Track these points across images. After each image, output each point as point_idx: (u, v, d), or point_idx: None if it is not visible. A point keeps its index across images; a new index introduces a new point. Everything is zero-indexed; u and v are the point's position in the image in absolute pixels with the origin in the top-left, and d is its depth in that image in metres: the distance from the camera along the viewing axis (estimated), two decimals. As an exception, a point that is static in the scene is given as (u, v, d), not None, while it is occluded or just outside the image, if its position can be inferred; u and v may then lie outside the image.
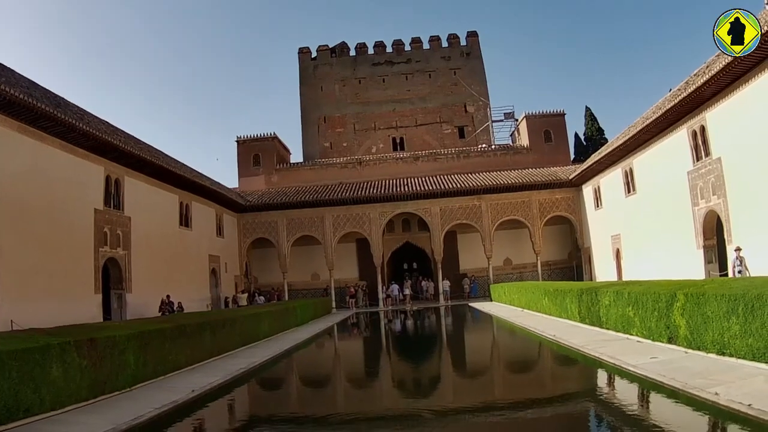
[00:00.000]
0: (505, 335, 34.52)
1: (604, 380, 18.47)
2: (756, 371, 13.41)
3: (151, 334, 20.11)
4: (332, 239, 60.19)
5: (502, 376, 22.43)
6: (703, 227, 34.81)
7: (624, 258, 48.79)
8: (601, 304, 25.85)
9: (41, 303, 28.02)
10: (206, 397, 18.33)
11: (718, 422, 11.50)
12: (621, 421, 13.22)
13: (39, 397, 13.55)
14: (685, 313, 17.69)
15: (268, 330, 34.59)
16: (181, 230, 46.64)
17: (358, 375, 25.76)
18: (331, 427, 15.15)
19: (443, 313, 53.42)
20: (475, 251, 61.92)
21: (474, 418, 14.80)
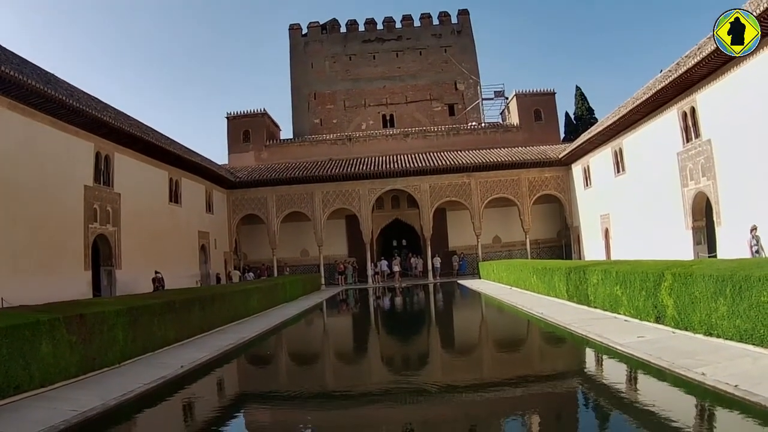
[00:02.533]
0: (494, 313, 34.57)
1: (592, 358, 18.55)
2: (743, 352, 13.48)
3: (140, 310, 20.11)
4: (322, 216, 60.17)
5: (490, 353, 22.48)
6: (693, 208, 34.92)
7: (613, 237, 48.92)
8: (589, 282, 25.93)
9: (31, 280, 27.99)
10: (195, 372, 18.39)
11: (704, 402, 11.53)
12: (607, 399, 13.30)
13: (29, 374, 13.55)
14: (673, 293, 17.76)
15: (257, 306, 34.66)
16: (170, 206, 46.56)
17: (347, 351, 25.82)
18: (320, 403, 15.21)
19: (432, 290, 53.58)
20: (464, 229, 62.03)
21: (462, 395, 14.86)
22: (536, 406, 13.46)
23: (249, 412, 15.18)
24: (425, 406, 14.30)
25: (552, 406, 13.52)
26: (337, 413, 14.18)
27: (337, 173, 60.17)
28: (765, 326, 13.02)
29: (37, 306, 16.36)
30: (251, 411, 15.36)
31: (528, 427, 12.17)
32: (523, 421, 12.59)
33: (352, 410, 14.44)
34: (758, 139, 27.92)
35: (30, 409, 12.39)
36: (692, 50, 32.60)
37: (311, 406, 15.04)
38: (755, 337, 13.47)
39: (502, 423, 12.55)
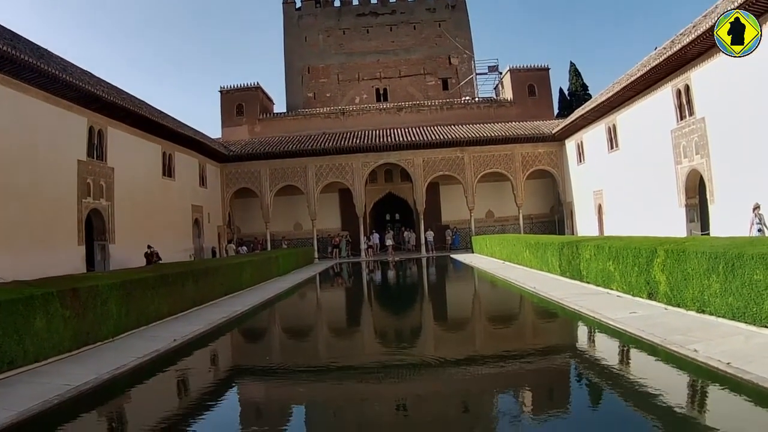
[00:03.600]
0: (486, 287, 34.66)
1: (584, 333, 18.59)
2: (735, 330, 13.52)
3: (134, 284, 20.11)
4: (315, 189, 60.07)
5: (482, 327, 22.57)
6: (686, 186, 34.97)
7: (606, 213, 49.00)
8: (581, 257, 26.01)
9: (25, 255, 27.99)
10: (188, 346, 18.45)
11: (696, 379, 11.58)
12: (599, 374, 13.36)
13: (23, 349, 13.56)
14: (666, 270, 17.81)
15: (250, 279, 34.72)
16: (164, 180, 46.45)
17: (340, 325, 25.89)
18: (312, 377, 15.27)
19: (425, 264, 53.65)
20: (457, 203, 62.03)
21: (454, 369, 14.89)
22: (528, 381, 13.52)
23: (242, 386, 15.25)
24: (417, 380, 14.36)
25: (544, 381, 13.57)
26: (330, 387, 14.24)
27: (330, 147, 60.04)
28: (757, 304, 13.06)
29: (31, 281, 16.32)
30: (244, 384, 15.43)
31: (520, 401, 12.23)
32: (516, 395, 12.66)
33: (345, 384, 14.49)
34: (751, 118, 27.94)
35: (24, 384, 12.40)
36: (687, 28, 32.62)
37: (304, 379, 15.10)
38: (747, 315, 13.51)
39: (494, 397, 12.61)
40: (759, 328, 13.06)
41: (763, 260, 12.73)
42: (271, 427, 11.46)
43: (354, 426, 11.39)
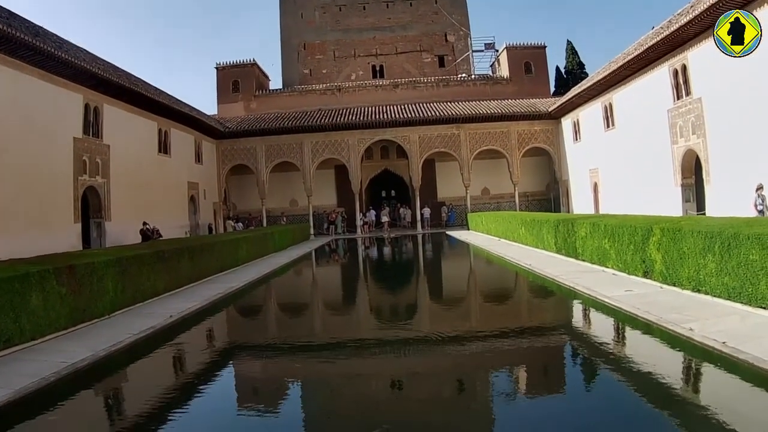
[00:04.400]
0: (482, 264, 34.72)
1: (580, 311, 18.67)
2: (731, 310, 13.53)
3: (130, 260, 20.15)
4: (311, 166, 59.98)
5: (478, 304, 22.62)
6: (682, 166, 34.99)
7: (601, 192, 49.00)
8: (577, 235, 26.06)
9: (21, 234, 27.97)
10: (184, 322, 18.51)
11: (692, 358, 11.61)
12: (595, 352, 13.41)
13: (19, 327, 13.56)
14: (661, 248, 17.84)
15: (246, 256, 34.81)
16: (160, 157, 46.34)
17: (336, 301, 25.93)
18: (308, 353, 15.32)
19: (421, 240, 53.86)
20: (453, 180, 62.03)
21: (450, 346, 14.94)
22: (524, 358, 13.56)
23: (238, 362, 15.30)
24: (414, 357, 14.41)
25: (540, 358, 13.64)
26: (326, 363, 14.28)
27: (326, 123, 59.89)
28: (753, 285, 13.07)
29: (27, 259, 16.32)
30: (240, 360, 15.47)
31: (516, 378, 12.27)
32: (512, 372, 12.70)
33: (341, 360, 14.53)
34: (748, 99, 27.94)
35: (21, 362, 12.42)
36: (685, 8, 32.55)
37: (300, 355, 15.16)
38: (743, 296, 13.53)
39: (490, 374, 12.65)
40: (754, 308, 13.08)
41: (759, 241, 12.74)
42: (267, 403, 11.51)
43: (351, 402, 11.43)
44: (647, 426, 8.78)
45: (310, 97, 68.54)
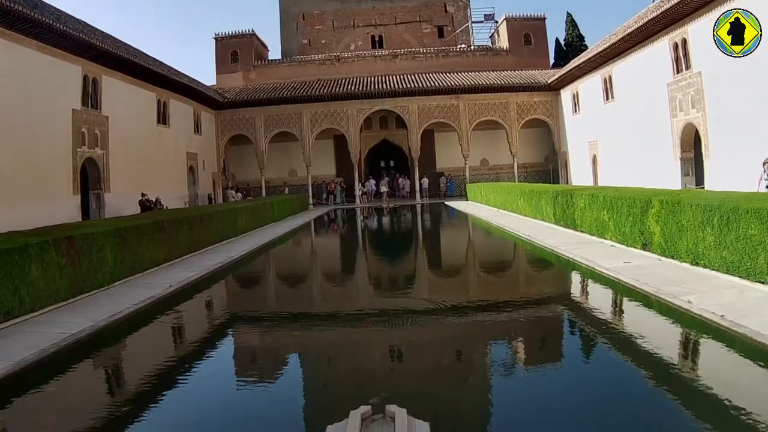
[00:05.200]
0: (481, 234, 34.77)
1: (578, 281, 18.74)
2: (729, 284, 13.53)
3: (129, 231, 20.17)
4: (310, 136, 59.86)
5: (476, 274, 22.67)
6: (681, 139, 34.94)
7: (600, 164, 48.95)
8: (576, 206, 26.07)
9: (20, 206, 27.96)
10: (184, 292, 18.60)
11: (690, 330, 11.64)
12: (593, 323, 13.45)
13: (19, 299, 13.56)
14: (660, 221, 17.85)
15: (245, 225, 34.89)
16: (158, 128, 46.26)
17: (335, 271, 26.01)
18: (307, 322, 15.39)
19: (419, 210, 53.94)
20: (452, 150, 62.00)
21: (448, 316, 14.98)
22: (523, 329, 13.60)
23: (237, 332, 15.38)
24: (412, 327, 14.48)
25: (538, 329, 13.69)
26: (323, 332, 14.36)
27: (325, 93, 59.69)
28: (752, 259, 13.06)
29: (26, 231, 16.31)
30: (239, 330, 15.55)
31: (514, 349, 12.32)
32: (510, 343, 12.75)
33: (338, 330, 14.61)
34: (748, 74, 27.87)
35: (20, 334, 12.44)
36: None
37: (299, 325, 15.22)
38: (742, 270, 13.53)
39: (489, 345, 12.69)
40: (753, 282, 13.07)
41: (758, 215, 12.71)
42: (266, 372, 11.56)
43: (349, 371, 11.48)
44: (645, 398, 8.81)
45: (309, 68, 68.22)
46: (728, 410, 7.93)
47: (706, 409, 8.17)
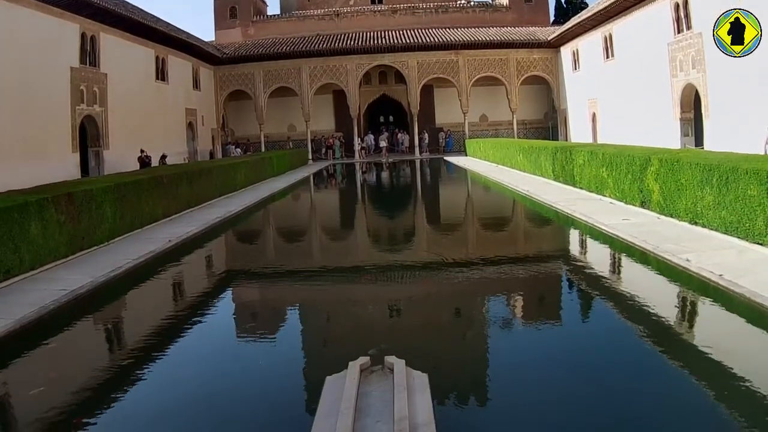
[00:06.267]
0: (480, 189, 34.89)
1: (577, 237, 18.92)
2: (728, 244, 13.55)
3: (128, 187, 20.22)
4: (309, 91, 59.48)
5: (475, 230, 22.81)
6: (681, 100, 34.71)
7: (600, 122, 48.69)
8: (575, 163, 26.09)
9: (19, 165, 27.77)
10: (183, 246, 18.78)
11: (688, 289, 11.70)
12: (591, 279, 13.61)
13: (19, 257, 13.56)
14: (659, 179, 17.83)
15: (244, 180, 35.03)
16: (157, 84, 45.91)
17: (333, 226, 26.15)
18: (306, 277, 15.48)
19: (419, 165, 54.03)
20: (451, 106, 61.67)
21: (447, 272, 15.06)
22: (520, 284, 13.70)
23: (237, 286, 15.50)
24: (411, 283, 14.59)
25: (536, 285, 13.78)
26: (322, 288, 14.44)
27: (324, 48, 59.26)
28: (751, 220, 13.01)
29: (26, 189, 16.30)
30: (239, 285, 15.68)
31: (511, 304, 12.41)
32: (508, 299, 12.83)
33: (337, 285, 14.71)
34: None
35: (21, 292, 12.47)
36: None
37: (298, 280, 15.32)
38: (740, 230, 13.50)
39: (485, 300, 12.78)
40: (751, 243, 13.03)
41: (757, 176, 12.65)
42: (266, 327, 11.66)
43: (348, 326, 11.56)
44: (642, 355, 8.89)
45: (308, 23, 67.63)
46: (724, 369, 8.00)
47: (702, 367, 8.23)
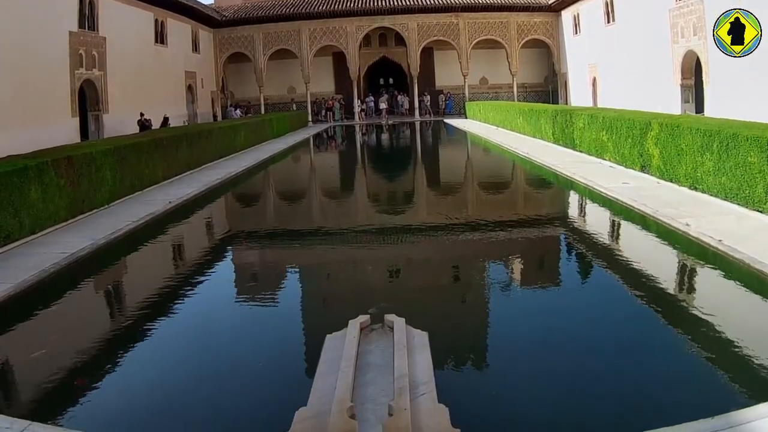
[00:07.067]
0: (479, 151, 34.96)
1: (576, 200, 18.99)
2: (727, 210, 13.53)
3: (127, 149, 20.24)
4: (308, 53, 59.15)
5: (475, 192, 22.90)
6: (682, 66, 34.52)
7: (600, 87, 48.41)
8: (575, 126, 26.09)
9: (18, 131, 27.53)
10: (183, 208, 18.90)
11: (688, 252, 11.72)
12: (590, 242, 13.77)
13: (19, 222, 13.52)
14: (659, 143, 17.81)
15: (244, 142, 35.10)
16: (156, 48, 45.57)
17: (333, 187, 26.22)
18: (305, 239, 15.58)
19: (418, 127, 54.04)
20: (451, 68, 61.35)
21: (446, 234, 15.13)
22: (519, 247, 13.82)
23: (236, 247, 15.60)
24: (410, 245, 14.66)
25: (535, 248, 13.94)
26: (322, 249, 14.52)
27: (324, 10, 58.81)
28: (750, 187, 12.95)
29: (26, 153, 16.23)
30: (238, 246, 15.78)
31: (511, 266, 12.47)
32: (506, 261, 12.88)
33: (337, 246, 14.76)
34: (749, 4, 27.53)
35: (21, 256, 12.45)
36: None
37: (298, 241, 15.41)
38: (740, 197, 13.45)
39: (484, 262, 12.84)
40: (751, 210, 12.97)
41: (758, 143, 12.60)
42: (265, 288, 11.71)
43: (348, 287, 11.63)
44: (640, 318, 8.94)
45: (308, -16, 67.29)
46: (722, 332, 8.04)
47: (700, 329, 8.29)
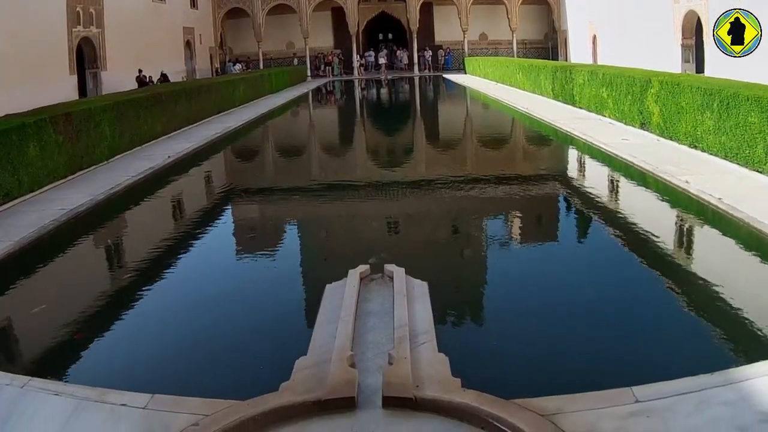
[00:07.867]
0: (479, 107, 34.96)
1: (576, 155, 19.00)
2: (727, 169, 13.49)
3: (126, 105, 20.21)
4: (307, 7, 58.56)
5: (474, 147, 22.93)
6: (683, 26, 34.29)
7: (600, 45, 48.06)
8: (575, 82, 26.02)
9: (17, 89, 27.31)
10: (182, 162, 19.01)
11: (687, 209, 11.79)
12: (590, 196, 13.94)
13: (17, 180, 13.47)
14: (659, 101, 17.75)
15: (242, 97, 34.98)
16: (154, 4, 45.03)
17: (331, 143, 26.21)
18: (304, 193, 15.63)
19: (418, 82, 53.98)
20: (450, 24, 60.90)
21: (446, 190, 15.16)
22: (518, 203, 13.86)
23: (236, 202, 15.69)
24: (409, 200, 14.67)
25: (536, 203, 14.04)
26: (321, 203, 14.57)
27: (323, -36, 58.35)
28: (750, 147, 12.89)
29: (24, 111, 16.18)
30: (238, 201, 15.87)
31: (510, 221, 12.53)
32: (506, 216, 12.95)
33: (336, 201, 14.80)
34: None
35: (20, 214, 12.42)
36: None
37: (296, 196, 15.45)
38: (740, 157, 13.39)
39: (484, 217, 12.89)
40: (750, 170, 12.92)
41: (758, 103, 12.53)
42: (265, 242, 11.78)
43: (347, 241, 11.68)
44: (639, 275, 9.04)
45: (307, -63, 66.60)
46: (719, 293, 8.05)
47: (698, 287, 8.37)
